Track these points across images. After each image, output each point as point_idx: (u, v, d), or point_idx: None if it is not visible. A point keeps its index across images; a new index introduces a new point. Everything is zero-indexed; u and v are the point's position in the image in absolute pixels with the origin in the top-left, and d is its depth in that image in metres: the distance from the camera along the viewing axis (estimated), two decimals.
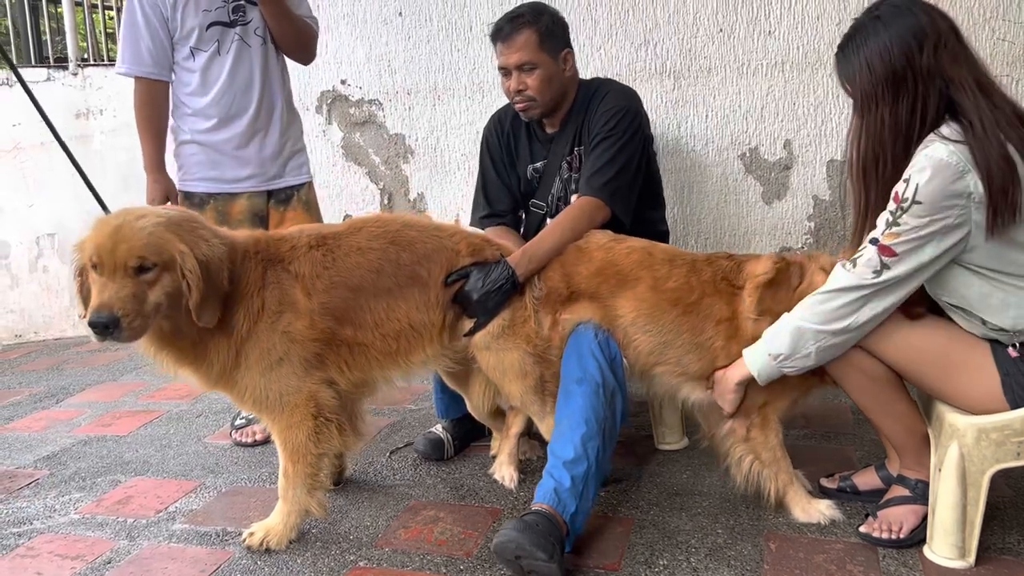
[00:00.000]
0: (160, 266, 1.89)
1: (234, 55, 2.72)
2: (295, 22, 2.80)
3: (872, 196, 1.85)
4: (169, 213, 2.00)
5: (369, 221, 2.29)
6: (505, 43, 2.51)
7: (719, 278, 2.19)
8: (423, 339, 2.24)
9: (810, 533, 2.08)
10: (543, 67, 2.50)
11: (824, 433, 2.74)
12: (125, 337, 1.85)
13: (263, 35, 2.76)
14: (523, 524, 1.90)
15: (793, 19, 3.46)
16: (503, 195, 2.73)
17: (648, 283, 2.22)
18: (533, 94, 2.52)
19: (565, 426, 2.13)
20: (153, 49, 2.67)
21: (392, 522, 2.26)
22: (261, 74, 2.78)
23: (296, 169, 2.94)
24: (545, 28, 2.50)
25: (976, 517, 1.83)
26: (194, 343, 2.03)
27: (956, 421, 1.84)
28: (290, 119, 2.93)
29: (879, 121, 1.80)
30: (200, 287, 1.91)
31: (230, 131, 2.78)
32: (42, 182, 5.08)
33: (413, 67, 3.99)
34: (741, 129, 3.57)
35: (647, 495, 2.36)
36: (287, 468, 2.14)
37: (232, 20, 2.70)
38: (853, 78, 1.84)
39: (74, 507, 2.48)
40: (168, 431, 3.13)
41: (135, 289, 1.86)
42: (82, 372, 4.15)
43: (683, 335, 2.19)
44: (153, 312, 1.90)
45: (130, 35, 2.67)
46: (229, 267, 2.01)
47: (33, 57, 5.58)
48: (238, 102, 2.76)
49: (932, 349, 1.87)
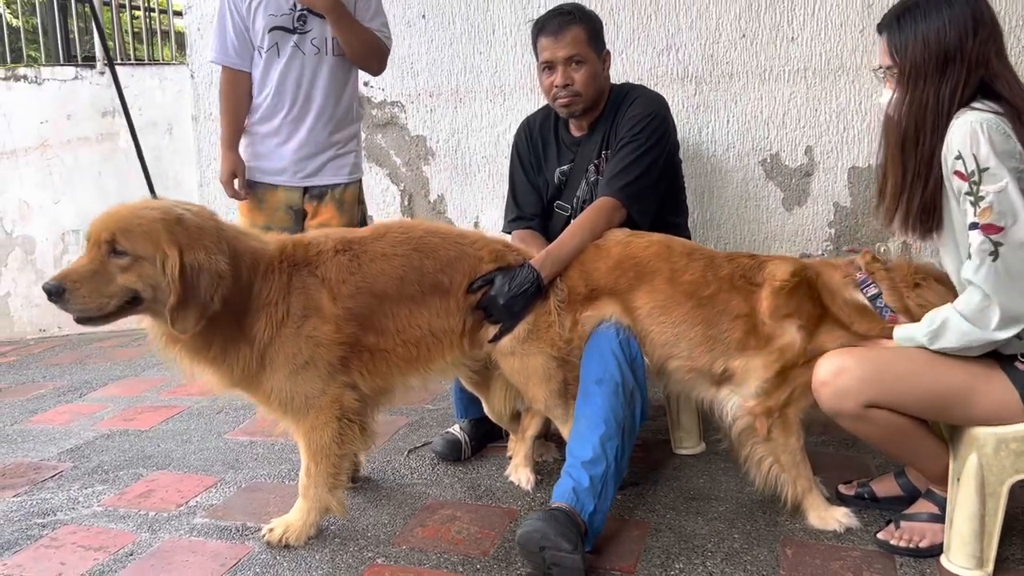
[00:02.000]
0: (134, 255, 1.89)
1: (287, 59, 2.91)
2: (360, 34, 2.93)
3: (909, 169, 1.85)
4: (185, 213, 1.97)
5: (393, 227, 2.30)
6: (554, 37, 2.52)
7: (738, 275, 2.20)
8: (443, 346, 2.25)
9: (827, 540, 2.08)
10: (590, 63, 2.53)
11: (842, 440, 2.74)
12: (73, 308, 1.87)
13: (319, 45, 2.92)
14: (548, 515, 1.92)
15: (816, 25, 3.46)
16: (532, 199, 2.75)
17: (665, 275, 2.24)
18: (579, 88, 2.53)
19: (584, 426, 2.14)
20: (236, 43, 2.94)
21: (409, 520, 2.28)
22: (309, 80, 2.93)
23: (336, 170, 3.03)
24: (592, 27, 2.55)
25: (994, 527, 1.83)
26: (211, 344, 2.04)
27: (975, 431, 1.83)
28: (340, 125, 3.03)
29: (924, 98, 1.80)
30: (177, 291, 1.89)
31: (269, 127, 2.97)
32: (68, 179, 5.17)
33: (435, 69, 4.02)
34: (762, 135, 3.57)
35: (664, 499, 2.36)
36: (309, 467, 2.16)
37: (294, 28, 2.90)
38: (904, 49, 1.83)
39: (97, 499, 2.51)
40: (189, 426, 3.17)
41: (98, 267, 1.89)
42: (105, 367, 4.20)
43: (696, 327, 2.20)
44: (119, 295, 1.90)
45: (219, 29, 2.97)
46: (233, 284, 1.98)
47: (61, 56, 5.66)
48: (281, 102, 2.94)
49: (953, 388, 1.84)
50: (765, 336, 2.14)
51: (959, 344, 1.79)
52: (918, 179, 1.83)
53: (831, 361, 1.94)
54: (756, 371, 2.16)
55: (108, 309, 1.91)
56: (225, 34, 2.94)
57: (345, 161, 3.06)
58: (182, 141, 4.97)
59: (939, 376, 1.85)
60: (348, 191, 3.06)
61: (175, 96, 5.12)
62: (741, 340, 2.17)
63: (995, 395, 1.82)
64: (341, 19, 2.84)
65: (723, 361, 2.20)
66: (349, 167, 3.07)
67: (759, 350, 2.15)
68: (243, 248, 2.06)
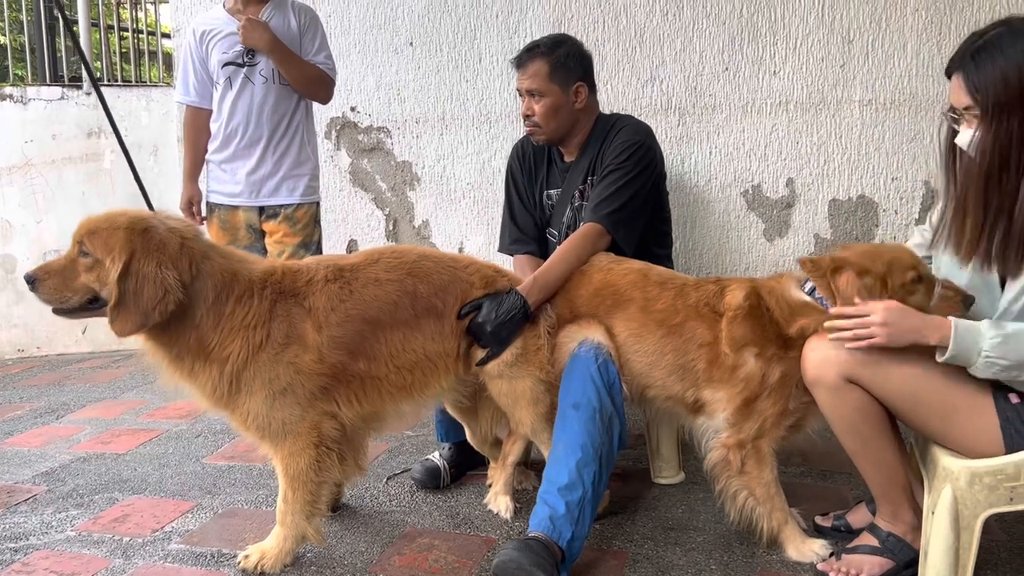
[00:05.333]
0: (94, 257, 1.99)
1: (237, 90, 3.16)
2: (302, 68, 3.18)
3: (992, 205, 1.82)
4: (159, 226, 2.02)
5: (385, 252, 2.31)
6: (519, 69, 2.66)
7: (703, 303, 2.24)
8: (438, 370, 2.25)
9: (804, 572, 2.09)
10: (550, 96, 2.59)
11: (821, 471, 2.75)
12: (40, 297, 2.04)
13: (267, 76, 3.16)
14: (523, 544, 1.93)
15: (798, 60, 3.52)
16: (530, 219, 2.81)
17: (639, 304, 2.28)
18: (538, 120, 2.63)
19: (561, 451, 2.14)
20: (195, 82, 3.25)
21: (387, 548, 2.27)
22: (258, 108, 3.17)
23: (290, 191, 3.25)
24: (557, 60, 2.59)
25: (968, 561, 1.83)
26: (183, 359, 2.06)
27: (950, 464, 1.85)
28: (291, 148, 3.25)
29: (1008, 134, 1.78)
30: (115, 294, 1.95)
31: (225, 153, 3.23)
32: (51, 199, 5.15)
33: (422, 96, 4.05)
34: (744, 166, 3.61)
35: (642, 529, 2.36)
36: (287, 494, 2.15)
37: (243, 62, 3.15)
38: (985, 87, 1.80)
39: (71, 524, 2.48)
40: (167, 450, 3.15)
41: (68, 264, 2.02)
42: (83, 389, 4.17)
43: (667, 356, 2.23)
44: (80, 292, 2.02)
45: (183, 71, 3.30)
46: (197, 302, 2.02)
47: (48, 76, 5.66)
48: (234, 130, 3.20)
49: (936, 393, 1.86)
50: (729, 367, 2.16)
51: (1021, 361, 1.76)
52: (1001, 215, 1.81)
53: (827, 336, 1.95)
54: (722, 403, 2.18)
55: (71, 303, 2.04)
56: (187, 76, 3.26)
57: (299, 183, 3.27)
58: (167, 163, 4.97)
59: (927, 376, 1.86)
60: (300, 210, 3.25)
61: (161, 118, 5.13)
62: (706, 371, 2.19)
63: (975, 418, 1.83)
64: (282, 57, 3.11)
65: (694, 391, 2.22)
66: (303, 189, 3.27)
67: (724, 382, 2.17)
68: (215, 269, 2.06)
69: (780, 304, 2.14)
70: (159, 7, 6.44)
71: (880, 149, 3.49)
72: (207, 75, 3.22)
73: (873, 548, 2.03)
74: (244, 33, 3.06)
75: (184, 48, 3.30)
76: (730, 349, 2.15)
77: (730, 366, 2.15)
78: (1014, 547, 2.18)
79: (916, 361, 1.88)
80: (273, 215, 3.24)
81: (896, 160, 3.46)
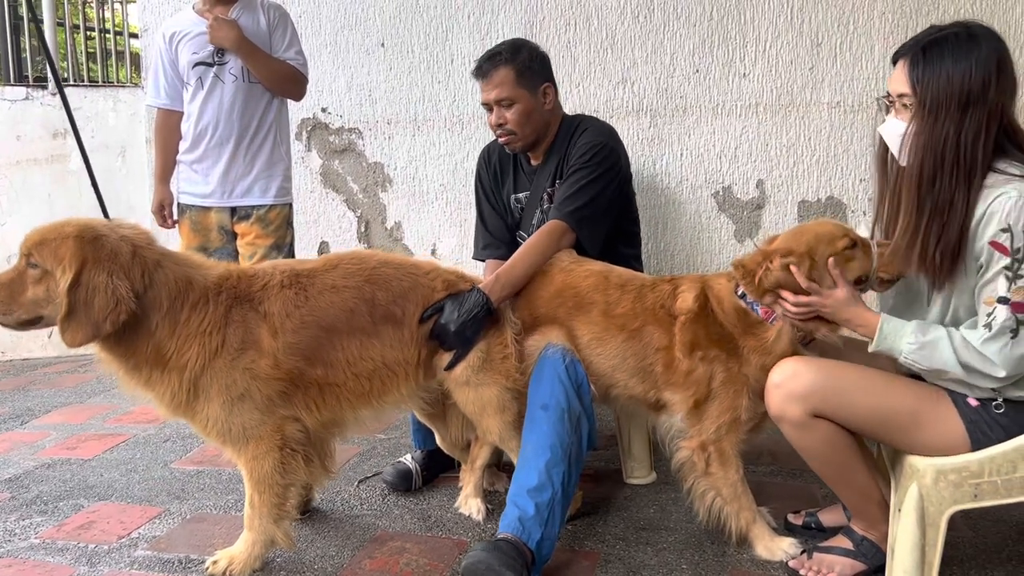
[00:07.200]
0: (43, 268, 1.94)
1: (208, 90, 3.13)
2: (272, 65, 3.15)
3: (926, 209, 1.80)
4: (109, 235, 1.97)
5: (345, 258, 2.28)
6: (484, 80, 2.61)
7: (658, 305, 2.25)
8: (397, 378, 2.23)
9: (775, 570, 2.10)
10: (521, 102, 2.58)
11: (791, 470, 2.77)
12: None
13: (237, 74, 3.12)
14: (493, 545, 1.93)
15: (767, 63, 3.54)
16: (500, 224, 2.80)
17: (601, 307, 2.29)
18: (513, 128, 2.60)
19: (530, 452, 2.13)
20: (166, 85, 3.22)
21: (358, 552, 2.25)
22: (228, 107, 3.13)
23: (262, 192, 3.22)
24: (522, 64, 2.58)
25: (935, 557, 1.85)
26: (140, 368, 2.03)
27: (916, 462, 1.87)
28: (263, 148, 3.22)
29: (943, 136, 1.76)
30: (65, 305, 1.91)
31: (196, 153, 3.19)
32: (16, 200, 5.05)
33: (394, 97, 4.04)
34: (715, 168, 3.64)
35: (614, 529, 2.36)
36: (253, 498, 2.12)
37: (213, 61, 3.12)
38: (927, 82, 1.77)
39: (35, 531, 2.44)
40: (134, 455, 3.10)
41: (15, 276, 1.98)
42: (49, 393, 4.10)
43: (628, 360, 2.25)
44: (27, 304, 1.96)
45: (154, 74, 3.28)
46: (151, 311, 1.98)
47: (12, 75, 5.56)
48: (205, 130, 3.16)
49: (901, 411, 1.87)
50: (683, 371, 2.18)
51: (934, 368, 1.81)
52: (935, 220, 1.79)
53: (787, 366, 1.96)
54: (679, 405, 2.21)
55: (20, 317, 1.98)
56: (158, 79, 3.23)
57: (271, 184, 3.24)
58: (135, 164, 4.90)
59: (890, 396, 1.88)
60: (273, 212, 3.23)
61: (129, 119, 5.05)
62: (664, 374, 2.22)
63: (941, 426, 1.85)
64: (249, 54, 3.08)
65: (655, 392, 2.25)
66: (275, 190, 3.25)
67: (679, 384, 2.20)
68: (169, 277, 2.02)
69: (723, 308, 2.17)
70: (127, 7, 6.34)
71: (848, 151, 3.52)
72: (177, 77, 3.19)
73: (846, 550, 2.05)
74: (212, 32, 3.03)
75: (154, 52, 3.28)
76: (682, 354, 2.18)
77: (684, 370, 2.18)
78: (979, 543, 2.21)
79: (876, 384, 1.90)
80: (245, 216, 3.20)
81: (864, 162, 3.50)
